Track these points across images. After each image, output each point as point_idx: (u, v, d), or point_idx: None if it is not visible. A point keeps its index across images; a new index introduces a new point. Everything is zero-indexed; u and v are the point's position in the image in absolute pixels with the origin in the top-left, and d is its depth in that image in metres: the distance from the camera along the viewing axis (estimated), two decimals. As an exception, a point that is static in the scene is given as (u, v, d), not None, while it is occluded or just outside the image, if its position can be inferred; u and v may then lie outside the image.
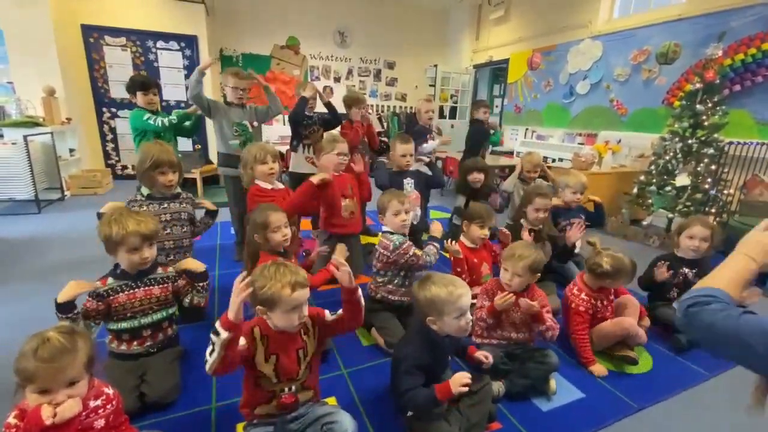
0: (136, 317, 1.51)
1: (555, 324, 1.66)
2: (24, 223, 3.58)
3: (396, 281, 1.92)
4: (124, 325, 1.49)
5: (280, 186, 2.18)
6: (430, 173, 2.87)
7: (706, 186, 3.34)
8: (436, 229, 2.04)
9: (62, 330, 0.95)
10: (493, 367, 1.62)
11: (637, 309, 1.91)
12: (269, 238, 1.69)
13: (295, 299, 1.11)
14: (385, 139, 7.48)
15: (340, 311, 1.27)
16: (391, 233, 1.90)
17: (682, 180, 3.44)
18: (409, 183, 2.60)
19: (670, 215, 3.54)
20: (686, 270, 2.11)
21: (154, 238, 1.50)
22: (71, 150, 4.92)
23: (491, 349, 1.66)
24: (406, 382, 1.24)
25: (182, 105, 5.84)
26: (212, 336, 1.05)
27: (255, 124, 2.82)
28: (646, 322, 1.96)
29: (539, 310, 1.60)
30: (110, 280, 1.47)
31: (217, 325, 1.04)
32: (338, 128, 3.16)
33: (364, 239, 3.35)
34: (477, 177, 2.92)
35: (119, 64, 5.41)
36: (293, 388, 1.22)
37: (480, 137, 4.17)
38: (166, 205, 1.84)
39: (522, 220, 2.47)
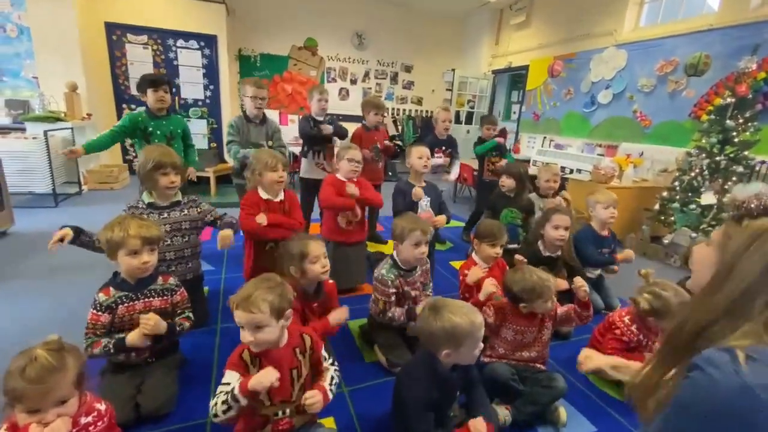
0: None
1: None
2: (41, 217, 3.65)
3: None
4: (122, 336, 1.46)
5: (280, 198, 2.10)
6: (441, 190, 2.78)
7: (734, 206, 3.18)
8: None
9: (51, 347, 0.92)
10: (503, 384, 1.54)
11: None
12: (307, 270, 1.56)
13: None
14: (399, 142, 7.44)
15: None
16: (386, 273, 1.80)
17: (708, 198, 3.28)
18: (425, 201, 2.52)
19: (693, 234, 3.39)
20: None
21: (156, 243, 1.47)
22: (91, 145, 5.00)
23: (501, 365, 1.59)
24: (418, 429, 1.18)
25: (199, 103, 5.91)
26: (230, 399, 1.05)
27: (270, 143, 2.79)
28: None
29: (585, 295, 1.58)
30: (112, 290, 1.44)
31: (237, 391, 1.04)
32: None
33: (372, 246, 3.30)
34: (505, 182, 2.81)
35: (140, 62, 5.50)
36: (287, 411, 1.17)
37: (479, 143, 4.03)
38: (166, 215, 1.80)
39: (539, 244, 2.31)
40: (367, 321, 1.98)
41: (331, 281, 1.74)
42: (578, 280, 1.61)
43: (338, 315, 1.63)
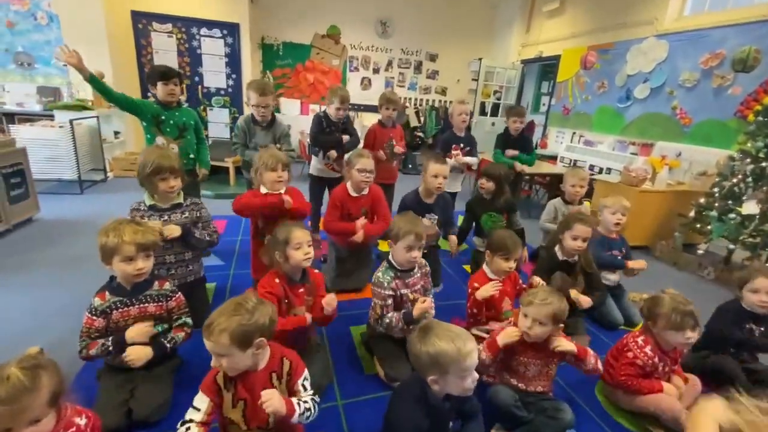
0: None
1: (598, 365, 1.49)
2: (66, 204, 3.78)
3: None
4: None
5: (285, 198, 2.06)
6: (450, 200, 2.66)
7: (779, 217, 2.90)
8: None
9: (24, 365, 0.90)
10: (505, 411, 1.45)
11: (695, 394, 1.65)
12: (289, 255, 1.57)
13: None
14: (421, 134, 7.27)
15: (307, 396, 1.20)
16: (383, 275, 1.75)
17: (750, 207, 3.00)
18: (431, 218, 2.42)
19: (731, 246, 3.13)
20: (752, 326, 1.81)
21: (150, 249, 1.45)
22: (116, 133, 5.14)
23: (505, 389, 1.50)
24: None
25: (222, 92, 5.94)
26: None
27: (278, 146, 2.72)
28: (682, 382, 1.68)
29: (573, 349, 1.43)
30: (107, 294, 1.44)
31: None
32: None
33: (384, 246, 3.23)
34: (485, 185, 2.68)
35: (165, 50, 5.56)
36: (264, 437, 1.14)
37: (500, 145, 3.81)
38: (167, 218, 1.79)
39: (556, 248, 2.22)
40: (366, 330, 1.92)
41: (317, 271, 1.75)
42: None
43: (329, 299, 1.59)
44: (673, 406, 1.52)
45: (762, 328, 1.79)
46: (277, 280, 1.58)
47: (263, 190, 2.03)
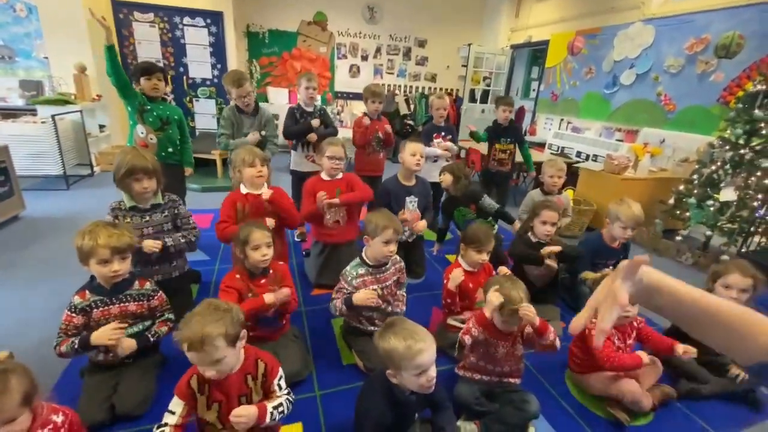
0: None
1: (556, 342, 1.51)
2: (52, 200, 3.77)
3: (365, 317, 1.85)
4: (86, 334, 1.50)
5: (263, 191, 2.08)
6: (430, 185, 2.67)
7: (755, 204, 2.96)
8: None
9: None
10: (466, 407, 1.54)
11: (657, 376, 1.73)
12: (248, 254, 1.64)
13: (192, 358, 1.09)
14: (411, 122, 7.24)
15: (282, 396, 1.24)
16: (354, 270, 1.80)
17: (728, 194, 3.06)
18: (412, 202, 2.45)
19: (708, 232, 3.20)
20: None
21: (126, 252, 1.48)
22: (101, 126, 5.09)
23: (469, 386, 1.57)
24: None
25: (207, 83, 5.87)
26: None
27: (263, 133, 2.74)
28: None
29: (535, 321, 1.44)
30: (88, 293, 1.48)
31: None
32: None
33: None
34: (443, 179, 2.66)
35: (148, 41, 5.46)
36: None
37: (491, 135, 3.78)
38: (148, 218, 1.82)
39: (529, 234, 2.31)
40: (343, 325, 1.98)
41: (281, 263, 1.82)
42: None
43: (275, 294, 1.64)
44: (634, 389, 1.59)
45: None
46: (237, 276, 1.66)
47: (244, 189, 2.05)
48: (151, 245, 1.75)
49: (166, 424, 1.12)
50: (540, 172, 2.91)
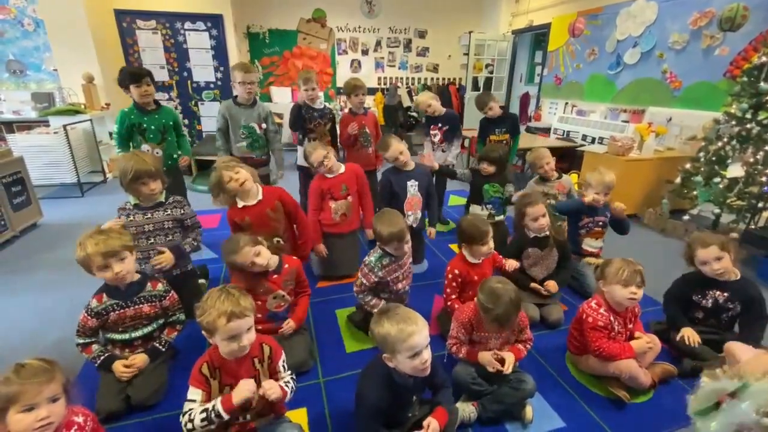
0: (128, 331, 1.61)
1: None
2: (68, 207, 3.92)
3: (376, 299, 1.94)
4: (116, 336, 1.61)
5: (258, 199, 2.08)
6: (429, 169, 2.74)
7: (764, 179, 2.90)
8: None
9: (38, 357, 1.02)
10: (464, 387, 1.57)
11: (655, 354, 1.75)
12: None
13: (231, 329, 1.14)
14: (415, 113, 7.22)
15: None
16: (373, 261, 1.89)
17: (735, 170, 3.00)
18: (413, 185, 2.49)
19: (717, 210, 3.14)
20: (716, 292, 1.84)
21: (120, 253, 1.51)
22: (111, 134, 5.23)
23: (466, 367, 1.60)
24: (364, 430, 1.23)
25: (211, 86, 5.97)
26: (213, 416, 1.13)
27: (264, 126, 2.77)
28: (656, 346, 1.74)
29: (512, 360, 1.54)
30: (104, 296, 1.56)
31: (220, 409, 1.13)
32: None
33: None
34: (486, 169, 2.75)
35: (151, 47, 5.58)
36: (248, 416, 1.26)
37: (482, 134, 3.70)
38: (150, 215, 1.89)
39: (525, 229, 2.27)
40: (357, 312, 2.07)
41: (295, 258, 1.89)
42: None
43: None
44: (633, 367, 1.61)
45: (726, 294, 1.83)
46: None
47: (240, 203, 2.06)
48: (163, 260, 1.85)
49: (191, 409, 1.16)
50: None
